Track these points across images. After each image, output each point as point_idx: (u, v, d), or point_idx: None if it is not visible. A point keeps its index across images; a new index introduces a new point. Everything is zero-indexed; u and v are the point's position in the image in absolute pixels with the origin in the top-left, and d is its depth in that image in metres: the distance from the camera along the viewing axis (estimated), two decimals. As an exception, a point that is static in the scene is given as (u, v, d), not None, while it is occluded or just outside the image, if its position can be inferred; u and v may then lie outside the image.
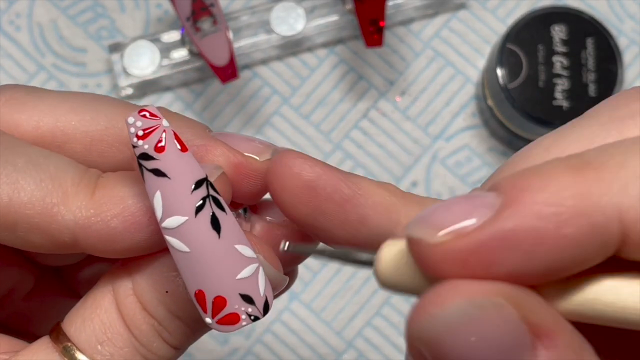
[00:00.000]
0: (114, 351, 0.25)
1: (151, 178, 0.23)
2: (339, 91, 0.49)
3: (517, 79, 0.44)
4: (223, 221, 0.23)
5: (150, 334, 0.25)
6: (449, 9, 0.49)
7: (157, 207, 0.23)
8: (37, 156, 0.25)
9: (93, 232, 0.24)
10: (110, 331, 0.25)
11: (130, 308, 0.25)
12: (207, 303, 0.23)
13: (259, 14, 0.48)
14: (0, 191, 0.24)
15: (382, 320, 0.47)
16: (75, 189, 0.24)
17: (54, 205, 0.24)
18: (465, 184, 0.48)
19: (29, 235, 0.24)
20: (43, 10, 0.49)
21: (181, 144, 0.23)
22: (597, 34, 0.44)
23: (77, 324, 0.25)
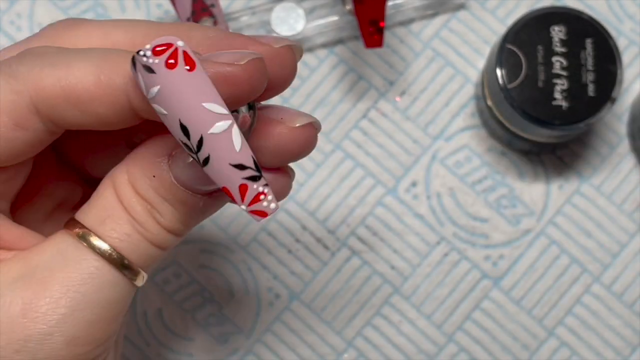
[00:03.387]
0: (115, 226, 0.29)
1: None
2: (339, 91, 0.49)
3: (516, 79, 0.44)
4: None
5: (144, 215, 0.29)
6: (449, 9, 0.49)
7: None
8: (84, 49, 0.29)
9: (137, 89, 0.27)
10: (111, 212, 0.29)
11: (126, 193, 0.29)
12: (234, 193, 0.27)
13: (259, 15, 0.48)
14: (59, 73, 0.28)
15: (382, 319, 0.47)
16: (121, 59, 0.28)
17: (105, 75, 0.27)
18: (465, 184, 0.48)
19: (92, 107, 0.28)
20: (44, 11, 0.49)
21: (190, 63, 0.26)
22: (597, 35, 0.44)
23: (85, 210, 0.30)
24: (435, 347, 0.47)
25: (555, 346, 0.47)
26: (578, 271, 0.48)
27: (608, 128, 0.49)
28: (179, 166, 0.29)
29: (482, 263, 0.48)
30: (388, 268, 0.48)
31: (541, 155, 0.48)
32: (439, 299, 0.47)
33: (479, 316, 0.47)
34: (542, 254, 0.48)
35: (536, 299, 0.47)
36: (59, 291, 0.29)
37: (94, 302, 0.29)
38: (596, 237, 0.48)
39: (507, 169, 0.48)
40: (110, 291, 0.29)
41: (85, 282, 0.29)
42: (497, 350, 0.47)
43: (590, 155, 0.48)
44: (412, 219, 0.48)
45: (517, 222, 0.48)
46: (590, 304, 0.47)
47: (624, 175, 0.48)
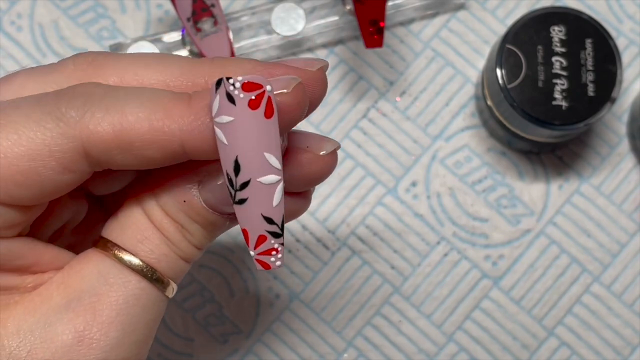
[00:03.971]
0: (152, 247, 0.30)
1: None
2: (339, 91, 0.49)
3: (516, 79, 0.44)
4: None
5: (176, 235, 0.30)
6: (449, 9, 0.49)
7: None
8: (132, 89, 0.29)
9: (196, 134, 0.28)
10: (146, 233, 0.30)
11: (157, 216, 0.30)
12: (250, 239, 0.29)
13: (259, 15, 0.48)
14: (112, 119, 0.28)
15: (382, 319, 0.47)
16: (173, 104, 0.28)
17: (158, 120, 0.28)
18: (465, 184, 0.48)
19: (144, 151, 0.28)
20: (44, 11, 0.49)
21: (269, 110, 0.27)
22: (596, 35, 0.44)
23: (116, 231, 0.30)
24: (435, 346, 0.47)
25: (555, 346, 0.47)
26: (578, 271, 0.48)
27: (608, 128, 0.49)
28: (208, 191, 0.30)
29: (482, 263, 0.48)
30: (388, 268, 0.48)
31: (541, 155, 0.48)
32: (439, 299, 0.47)
33: (479, 316, 0.47)
34: (542, 253, 0.48)
35: (536, 299, 0.47)
36: (109, 316, 0.29)
37: (141, 323, 0.30)
38: (596, 237, 0.48)
39: (507, 168, 0.48)
40: (152, 309, 0.30)
41: (132, 304, 0.30)
42: (497, 350, 0.47)
43: (590, 155, 0.48)
44: (412, 219, 0.48)
45: (517, 222, 0.48)
46: (590, 304, 0.47)
47: (623, 175, 0.48)
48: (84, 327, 0.29)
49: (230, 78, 0.27)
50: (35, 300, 0.29)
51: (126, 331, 0.29)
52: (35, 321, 0.29)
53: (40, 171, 0.28)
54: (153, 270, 0.30)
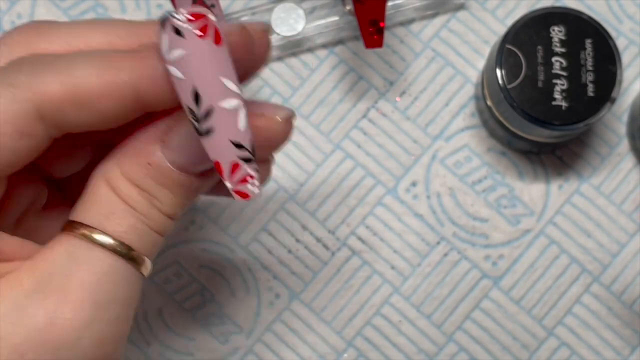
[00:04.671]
0: (120, 221, 0.29)
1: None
2: (339, 91, 0.49)
3: (516, 79, 0.44)
4: None
5: (145, 204, 0.30)
6: (449, 9, 0.49)
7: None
8: (80, 53, 0.29)
9: (148, 78, 0.28)
10: (112, 207, 0.29)
11: (123, 186, 0.29)
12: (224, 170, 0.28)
13: (259, 15, 0.48)
14: (62, 78, 0.28)
15: (382, 319, 0.47)
16: (121, 57, 0.29)
17: (108, 72, 0.28)
18: (465, 184, 0.48)
19: (97, 105, 0.28)
20: (44, 11, 0.49)
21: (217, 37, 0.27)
22: (596, 35, 0.44)
23: (82, 211, 0.30)
24: (435, 346, 0.47)
25: (555, 346, 0.47)
26: (578, 271, 0.48)
27: (608, 128, 0.49)
28: (173, 150, 0.30)
29: (481, 263, 0.48)
30: (388, 268, 0.48)
31: (541, 155, 0.48)
32: (439, 299, 0.47)
33: (479, 316, 0.47)
34: (542, 253, 0.48)
35: (536, 299, 0.47)
36: (80, 294, 0.29)
37: (113, 299, 0.29)
38: (596, 237, 0.48)
39: (507, 168, 0.48)
40: (125, 285, 0.30)
41: (103, 280, 0.29)
42: (497, 350, 0.47)
43: (590, 155, 0.48)
44: (412, 219, 0.48)
45: (516, 222, 0.48)
46: (590, 304, 0.47)
47: (623, 175, 0.48)
48: (55, 308, 0.28)
49: (174, 13, 0.27)
50: (4, 287, 0.29)
51: (99, 309, 0.29)
52: (6, 307, 0.28)
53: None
54: (123, 246, 0.29)
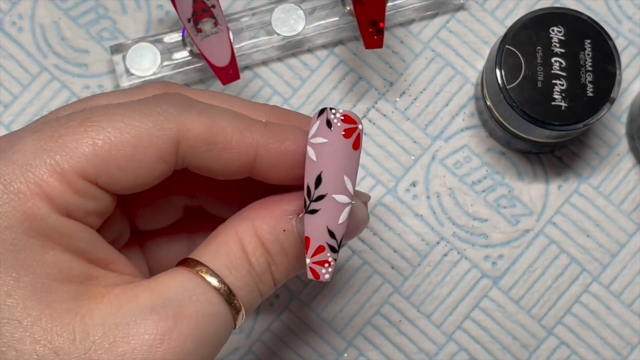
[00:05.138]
0: (239, 276, 0.32)
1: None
2: (339, 92, 0.49)
3: (516, 79, 0.44)
4: None
5: (264, 266, 0.33)
6: (448, 10, 0.49)
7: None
8: (218, 105, 0.33)
9: (270, 148, 0.33)
10: (236, 261, 0.32)
11: (252, 245, 0.33)
12: (310, 248, 0.32)
13: (259, 15, 0.48)
14: (205, 120, 0.32)
15: (382, 319, 0.47)
16: (252, 121, 0.33)
17: (242, 129, 0.32)
18: (465, 184, 0.48)
19: (223, 153, 0.32)
20: (45, 12, 0.49)
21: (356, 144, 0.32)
22: (596, 35, 0.44)
23: (209, 256, 0.32)
24: (435, 346, 0.47)
25: (554, 345, 0.47)
26: (577, 271, 0.48)
27: (607, 128, 0.49)
28: (301, 223, 0.33)
29: (481, 263, 0.48)
30: (388, 268, 0.48)
31: (540, 156, 0.49)
32: (439, 299, 0.47)
33: (479, 315, 0.47)
34: (542, 253, 0.48)
35: (535, 299, 0.47)
36: (189, 327, 0.31)
37: (212, 341, 0.32)
38: (595, 236, 0.48)
39: (506, 169, 0.48)
40: (222, 332, 0.32)
41: (209, 322, 0.31)
42: (497, 350, 0.47)
43: (589, 155, 0.49)
44: (412, 219, 0.48)
45: (516, 222, 0.48)
46: (589, 304, 0.47)
47: (622, 175, 0.48)
48: (165, 332, 0.30)
49: (332, 109, 0.32)
50: (121, 298, 0.31)
51: (199, 346, 0.31)
52: (121, 316, 0.30)
53: (139, 158, 0.31)
54: (233, 297, 0.32)
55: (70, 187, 0.30)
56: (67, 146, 0.30)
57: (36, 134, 0.31)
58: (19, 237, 0.30)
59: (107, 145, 0.31)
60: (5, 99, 0.49)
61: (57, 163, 0.30)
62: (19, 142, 0.31)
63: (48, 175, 0.30)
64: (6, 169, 0.30)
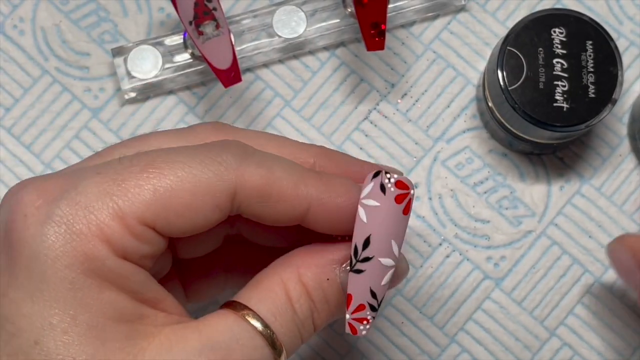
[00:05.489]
0: (283, 322, 0.33)
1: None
2: (341, 93, 0.49)
3: (517, 81, 0.44)
4: None
5: (307, 313, 0.33)
6: (450, 11, 0.49)
7: None
8: (275, 155, 0.34)
9: (324, 203, 0.33)
10: (281, 309, 0.33)
11: (296, 292, 0.33)
12: (352, 305, 0.33)
13: (260, 17, 0.48)
14: (262, 172, 0.33)
15: (384, 320, 0.47)
16: (307, 173, 0.34)
17: (297, 182, 0.33)
18: (466, 185, 0.48)
19: (278, 205, 0.33)
20: (46, 15, 0.49)
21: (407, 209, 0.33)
22: (597, 36, 0.44)
23: (254, 300, 0.33)
24: (438, 347, 0.47)
25: (557, 346, 0.47)
26: (579, 271, 0.48)
27: (609, 129, 0.49)
28: (345, 274, 0.34)
29: (483, 264, 0.48)
30: (390, 269, 0.48)
31: (542, 157, 0.49)
32: (441, 300, 0.48)
33: (481, 317, 0.47)
34: (544, 254, 0.48)
35: (538, 300, 0.47)
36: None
37: None
38: (597, 237, 0.48)
39: (508, 170, 0.48)
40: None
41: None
42: (499, 351, 0.47)
43: (591, 156, 0.49)
44: (414, 221, 0.48)
45: (518, 223, 0.48)
46: (592, 305, 0.47)
47: (624, 176, 0.48)
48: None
49: (388, 173, 0.33)
50: (171, 338, 0.31)
51: None
52: (171, 357, 0.31)
53: (197, 205, 0.32)
54: (277, 342, 0.33)
55: (129, 231, 0.31)
56: (130, 191, 0.31)
57: (99, 177, 0.32)
58: (78, 276, 0.30)
59: (167, 193, 0.31)
60: (7, 102, 0.49)
61: (119, 207, 0.31)
62: (82, 182, 0.31)
63: (109, 219, 0.31)
64: (69, 209, 0.31)
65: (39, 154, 0.48)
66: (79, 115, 0.49)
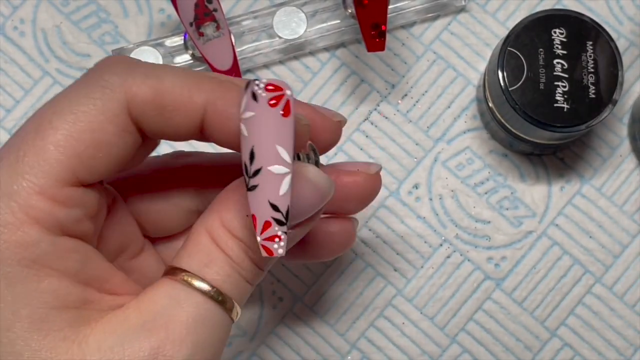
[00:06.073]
0: (217, 269, 0.32)
1: None
2: (341, 94, 0.49)
3: (518, 81, 0.44)
4: None
5: (240, 254, 0.32)
6: (450, 12, 0.50)
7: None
8: (168, 65, 0.33)
9: (217, 111, 0.31)
10: (212, 256, 0.32)
11: (222, 236, 0.32)
12: (258, 225, 0.31)
13: (261, 18, 0.48)
14: (151, 83, 0.31)
15: (385, 321, 0.47)
16: (205, 79, 0.32)
17: (190, 88, 0.31)
18: (467, 186, 0.48)
19: (173, 115, 0.31)
20: (47, 16, 0.49)
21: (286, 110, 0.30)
22: (597, 37, 0.44)
23: (185, 258, 0.32)
24: (439, 348, 0.47)
25: (557, 347, 0.47)
26: (580, 272, 0.48)
27: (609, 129, 0.49)
28: None
29: (484, 264, 0.48)
30: (391, 270, 0.48)
31: (542, 157, 0.49)
32: (442, 301, 0.48)
33: (482, 317, 0.47)
34: (544, 255, 0.48)
35: (538, 300, 0.47)
36: (181, 334, 0.31)
37: (208, 342, 0.32)
38: (598, 238, 0.48)
39: (508, 170, 0.49)
40: (219, 330, 0.32)
41: (201, 323, 0.31)
42: (500, 352, 0.47)
43: (591, 156, 0.49)
44: (415, 221, 0.48)
45: (519, 223, 0.48)
46: (592, 305, 0.47)
47: (625, 176, 0.48)
48: (158, 345, 0.30)
49: (257, 80, 0.30)
50: (113, 321, 0.31)
51: (196, 349, 0.31)
52: (114, 339, 0.30)
53: (104, 138, 0.31)
54: (219, 292, 0.32)
55: (55, 202, 0.30)
56: (36, 162, 0.30)
57: (3, 162, 0.31)
58: (14, 269, 0.30)
59: (68, 143, 0.30)
60: (8, 104, 0.49)
61: (34, 183, 0.30)
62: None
63: (31, 199, 0.30)
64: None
65: (40, 155, 0.48)
66: (80, 116, 0.49)
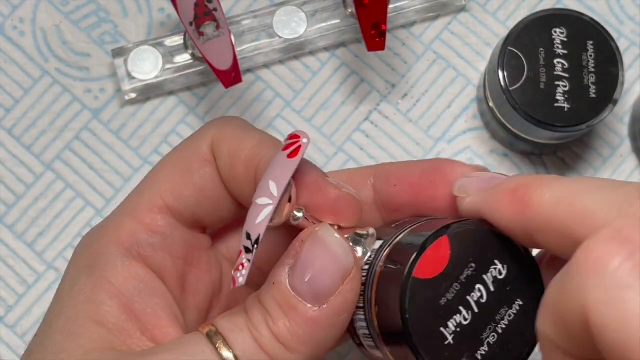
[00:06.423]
0: (238, 335, 0.32)
1: None
2: (341, 94, 0.49)
3: (518, 81, 0.44)
4: None
5: (261, 321, 0.32)
6: (450, 11, 0.49)
7: None
8: None
9: None
10: (239, 323, 0.32)
11: (252, 304, 0.33)
12: None
13: (261, 18, 0.48)
14: None
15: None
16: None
17: None
18: (467, 186, 0.48)
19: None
20: (46, 16, 0.49)
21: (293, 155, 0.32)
22: (598, 37, 0.44)
23: (221, 319, 0.32)
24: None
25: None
26: (580, 272, 0.48)
27: (609, 129, 0.49)
28: (295, 275, 0.32)
29: (484, 265, 0.48)
30: (391, 270, 0.48)
31: (543, 157, 0.49)
32: (442, 301, 0.47)
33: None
34: (545, 255, 0.48)
35: (539, 300, 0.47)
36: None
37: None
38: (598, 238, 0.48)
39: (509, 170, 0.48)
40: None
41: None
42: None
43: (591, 156, 0.49)
44: (415, 221, 0.48)
45: (519, 223, 0.48)
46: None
47: (625, 176, 0.48)
48: None
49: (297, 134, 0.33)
50: None
51: None
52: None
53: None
54: (234, 357, 0.32)
55: (140, 223, 0.35)
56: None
57: None
58: (79, 272, 0.35)
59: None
60: (7, 103, 0.48)
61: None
62: None
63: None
64: None
65: (40, 155, 0.48)
66: (80, 116, 0.49)
